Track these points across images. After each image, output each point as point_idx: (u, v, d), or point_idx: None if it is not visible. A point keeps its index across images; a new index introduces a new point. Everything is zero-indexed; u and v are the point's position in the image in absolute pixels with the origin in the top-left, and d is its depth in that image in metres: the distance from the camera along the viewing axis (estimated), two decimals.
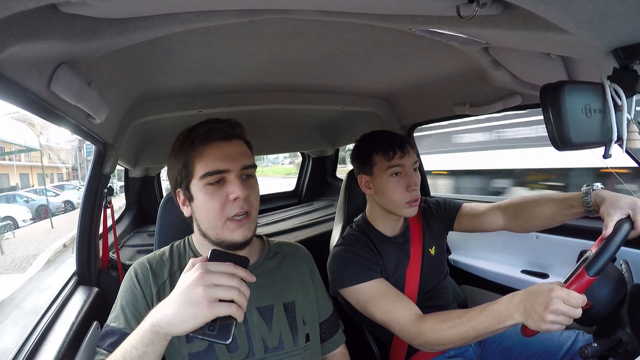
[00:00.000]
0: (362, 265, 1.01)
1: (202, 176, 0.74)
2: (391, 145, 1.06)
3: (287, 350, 0.78)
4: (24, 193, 13.16)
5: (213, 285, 0.56)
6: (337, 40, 0.90)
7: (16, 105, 0.63)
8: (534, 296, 0.72)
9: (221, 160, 0.74)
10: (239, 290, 0.57)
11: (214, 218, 0.74)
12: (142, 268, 0.78)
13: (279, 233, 1.88)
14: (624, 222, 0.79)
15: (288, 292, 0.83)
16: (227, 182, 0.74)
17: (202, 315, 0.55)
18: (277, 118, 1.99)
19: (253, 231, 0.77)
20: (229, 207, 0.73)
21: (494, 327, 0.76)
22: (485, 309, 0.79)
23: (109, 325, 0.72)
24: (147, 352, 0.58)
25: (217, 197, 0.73)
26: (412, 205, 1.06)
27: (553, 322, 0.69)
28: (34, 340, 0.81)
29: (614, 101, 0.60)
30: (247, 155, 0.78)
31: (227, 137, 0.77)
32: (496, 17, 0.56)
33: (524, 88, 1.10)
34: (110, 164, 1.17)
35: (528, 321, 0.72)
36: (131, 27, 0.60)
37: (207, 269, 0.58)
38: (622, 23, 0.50)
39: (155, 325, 0.58)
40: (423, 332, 0.87)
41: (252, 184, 0.77)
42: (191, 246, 0.83)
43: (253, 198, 0.77)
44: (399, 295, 0.96)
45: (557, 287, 0.70)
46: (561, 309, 0.68)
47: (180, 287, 0.59)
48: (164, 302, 0.60)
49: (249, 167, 0.77)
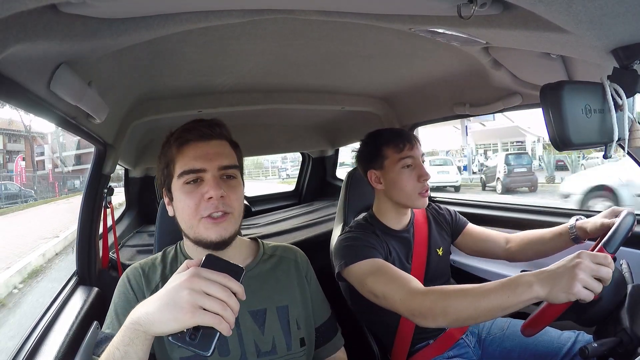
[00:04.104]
0: (366, 245, 1.02)
1: (179, 175, 0.75)
2: (401, 138, 1.10)
3: (281, 354, 0.77)
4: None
5: (201, 292, 0.53)
6: (337, 40, 0.90)
7: (16, 106, 0.63)
8: (558, 265, 0.69)
9: (197, 160, 0.74)
10: (225, 304, 0.53)
11: (189, 216, 0.74)
12: (135, 273, 0.78)
13: (279, 233, 1.88)
14: (629, 214, 0.81)
15: (282, 296, 0.82)
16: (205, 181, 0.74)
17: (183, 321, 0.52)
18: (277, 118, 1.99)
19: (231, 232, 0.75)
20: (204, 206, 0.73)
21: (509, 300, 0.70)
22: (502, 280, 0.74)
23: (104, 332, 0.72)
24: (129, 352, 0.55)
25: (193, 195, 0.73)
26: (423, 196, 1.09)
27: (584, 282, 0.64)
28: (34, 340, 0.81)
29: (615, 101, 0.60)
30: (226, 155, 0.78)
31: (204, 137, 0.77)
32: (496, 16, 0.56)
33: (524, 88, 1.10)
34: (110, 164, 1.17)
35: (554, 290, 0.66)
36: (131, 27, 0.60)
37: (199, 273, 0.55)
38: (622, 23, 0.50)
39: (135, 322, 0.56)
40: (429, 298, 0.81)
41: (232, 185, 0.76)
42: (182, 250, 0.83)
43: (233, 199, 0.75)
44: (403, 272, 0.94)
45: (581, 251, 0.68)
46: (592, 266, 0.65)
47: (167, 286, 0.56)
48: (148, 300, 0.58)
49: (228, 167, 0.76)
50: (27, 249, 6.56)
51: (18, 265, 5.53)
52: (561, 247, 1.07)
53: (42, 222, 8.92)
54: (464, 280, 1.62)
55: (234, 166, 0.77)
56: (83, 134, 0.94)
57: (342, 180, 1.42)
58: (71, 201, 13.04)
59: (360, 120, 1.89)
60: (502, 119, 16.53)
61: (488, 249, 1.21)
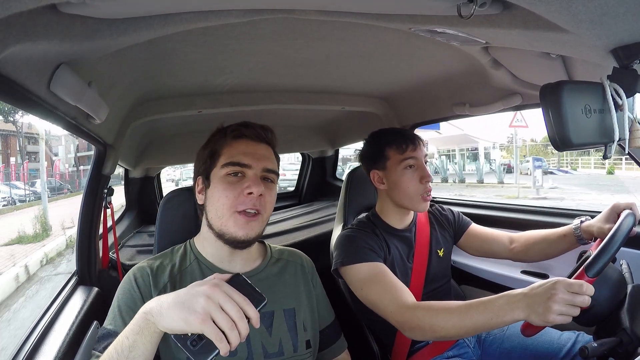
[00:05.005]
0: (365, 247, 1.03)
1: (224, 165, 0.77)
2: (403, 139, 1.10)
3: (287, 356, 0.78)
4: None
5: (217, 304, 0.54)
6: (337, 40, 0.90)
7: (16, 106, 0.63)
8: (537, 290, 0.71)
9: (246, 156, 0.78)
10: (234, 324, 0.53)
11: (224, 207, 0.76)
12: (142, 272, 0.78)
13: (279, 233, 1.88)
14: (629, 216, 0.80)
15: (289, 299, 0.83)
16: (246, 177, 0.77)
17: (191, 324, 0.53)
18: (277, 118, 1.99)
19: (257, 232, 0.78)
20: (241, 200, 0.75)
21: (492, 321, 0.75)
22: (486, 301, 0.78)
23: (106, 327, 0.72)
24: (137, 342, 0.56)
25: (233, 188, 0.76)
26: (425, 199, 1.09)
27: (559, 312, 0.67)
28: (34, 340, 0.81)
29: (615, 101, 0.60)
30: (272, 160, 0.82)
31: (257, 138, 0.81)
32: (496, 16, 0.56)
33: (524, 88, 1.10)
34: (110, 164, 1.17)
35: (532, 316, 0.70)
36: (131, 27, 0.60)
37: (221, 286, 0.56)
38: (622, 22, 0.50)
39: (147, 312, 0.57)
40: (417, 315, 0.85)
41: (270, 187, 0.80)
42: (192, 248, 0.83)
43: (267, 200, 0.78)
44: (398, 282, 0.96)
45: (559, 279, 0.70)
46: (566, 298, 0.67)
47: (188, 288, 0.57)
48: (166, 294, 0.59)
49: (271, 171, 0.80)
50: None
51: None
52: (566, 248, 1.07)
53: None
54: (465, 282, 1.62)
55: (275, 172, 0.81)
56: (83, 134, 0.93)
57: (342, 180, 1.42)
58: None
59: (360, 120, 1.89)
60: (449, 128, 18.80)
61: (492, 250, 1.20)
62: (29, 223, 8.33)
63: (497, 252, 1.20)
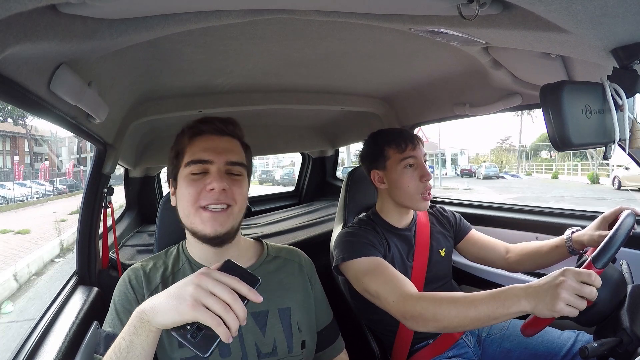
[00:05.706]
0: (365, 242, 1.03)
1: (187, 164, 0.76)
2: (403, 138, 1.11)
3: (281, 356, 0.77)
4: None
5: (206, 290, 0.54)
6: (337, 40, 0.90)
7: (16, 106, 0.63)
8: (544, 279, 0.71)
9: (206, 152, 0.76)
10: (228, 306, 0.53)
11: (188, 204, 0.75)
12: (136, 274, 0.78)
13: (279, 233, 1.88)
14: (629, 216, 0.80)
15: (284, 298, 0.82)
16: (210, 173, 0.75)
17: (182, 313, 0.53)
18: (277, 118, 1.99)
19: (228, 228, 0.75)
20: (204, 196, 0.74)
21: (497, 311, 0.73)
22: (491, 292, 0.76)
23: (105, 330, 0.72)
24: (134, 342, 0.56)
25: (196, 185, 0.75)
26: (425, 198, 1.09)
27: (567, 301, 0.66)
28: (34, 340, 0.81)
29: (615, 101, 0.60)
30: (236, 152, 0.79)
31: (217, 132, 0.79)
32: (496, 16, 0.56)
33: (524, 88, 1.10)
34: (110, 164, 1.17)
35: (539, 306, 0.69)
36: (131, 27, 0.60)
37: (209, 273, 0.56)
38: (622, 23, 0.50)
39: (141, 312, 0.57)
40: (420, 303, 0.84)
41: (237, 180, 0.77)
42: (184, 250, 0.83)
43: (236, 193, 0.75)
44: (399, 274, 0.95)
45: (568, 267, 0.70)
46: (575, 286, 0.66)
47: (178, 282, 0.58)
48: (158, 293, 0.60)
49: (236, 163, 0.77)
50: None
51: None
52: (558, 259, 1.09)
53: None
54: (465, 282, 1.62)
55: (241, 164, 0.79)
56: (83, 134, 0.93)
57: (342, 180, 1.42)
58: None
59: (360, 120, 1.89)
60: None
61: (488, 258, 1.22)
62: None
63: (493, 261, 1.21)
